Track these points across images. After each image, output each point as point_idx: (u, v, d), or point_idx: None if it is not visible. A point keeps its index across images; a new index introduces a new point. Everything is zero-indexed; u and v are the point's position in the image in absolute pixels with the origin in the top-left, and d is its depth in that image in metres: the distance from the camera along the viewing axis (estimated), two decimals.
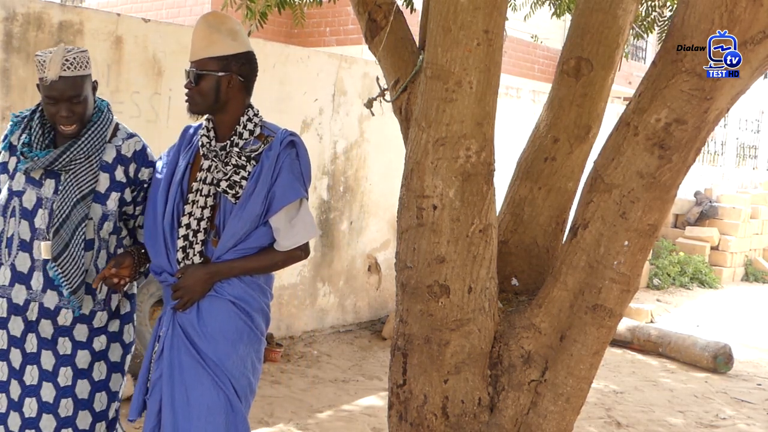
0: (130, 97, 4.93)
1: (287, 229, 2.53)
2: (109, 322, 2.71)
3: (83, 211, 2.58)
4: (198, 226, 2.53)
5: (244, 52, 2.54)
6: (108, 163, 2.66)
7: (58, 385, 2.62)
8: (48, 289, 2.59)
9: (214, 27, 2.49)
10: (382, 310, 7.12)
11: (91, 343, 2.66)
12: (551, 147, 2.82)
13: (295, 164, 2.55)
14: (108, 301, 2.70)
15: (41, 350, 2.61)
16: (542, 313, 2.50)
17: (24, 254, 2.60)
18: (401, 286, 2.59)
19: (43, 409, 2.61)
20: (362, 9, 3.12)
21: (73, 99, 2.54)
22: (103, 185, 2.65)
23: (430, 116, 2.44)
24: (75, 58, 2.54)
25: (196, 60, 2.51)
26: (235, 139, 2.53)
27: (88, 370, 2.66)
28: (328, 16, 11.56)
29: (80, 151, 2.59)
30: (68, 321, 2.61)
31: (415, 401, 2.58)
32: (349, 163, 6.59)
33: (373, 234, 6.91)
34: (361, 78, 6.55)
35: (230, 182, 2.49)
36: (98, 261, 2.66)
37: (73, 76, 2.53)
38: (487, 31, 2.36)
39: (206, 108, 2.53)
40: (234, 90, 2.52)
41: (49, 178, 2.60)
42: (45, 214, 2.58)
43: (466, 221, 2.45)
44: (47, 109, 2.56)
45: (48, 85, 2.50)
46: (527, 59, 13.16)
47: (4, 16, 4.30)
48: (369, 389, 5.35)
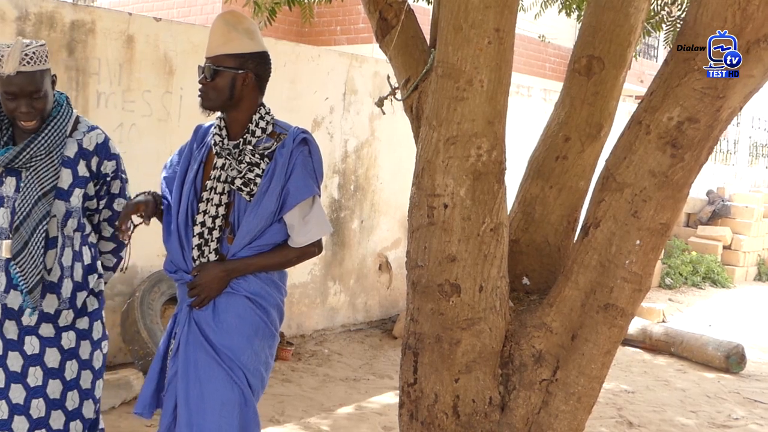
0: (142, 96, 4.95)
1: (301, 225, 2.55)
2: (77, 320, 2.67)
3: (45, 209, 2.53)
4: (213, 223, 2.53)
5: (260, 52, 2.56)
6: (70, 158, 2.62)
7: (27, 386, 2.58)
8: (11, 290, 2.55)
9: (231, 25, 2.51)
10: (392, 308, 7.12)
11: (59, 340, 2.62)
12: (563, 146, 2.81)
13: (308, 162, 2.57)
14: (73, 299, 2.66)
15: (7, 352, 2.56)
16: (553, 312, 2.49)
17: None
18: (412, 285, 2.59)
19: (14, 411, 2.56)
20: (373, 8, 3.12)
21: (33, 94, 2.49)
22: (65, 181, 2.60)
23: (441, 115, 2.43)
24: (34, 52, 2.48)
25: (212, 56, 2.52)
26: (247, 137, 2.55)
27: (59, 369, 2.62)
28: (339, 14, 11.56)
29: (41, 147, 2.54)
30: (33, 321, 2.57)
31: (426, 400, 2.58)
32: (360, 161, 6.59)
33: (383, 233, 6.91)
34: (372, 77, 6.55)
35: (245, 180, 2.50)
36: (63, 259, 2.62)
37: (33, 71, 2.47)
38: (498, 29, 2.35)
39: (219, 104, 2.54)
40: (248, 88, 2.54)
41: (9, 176, 2.55)
42: (7, 213, 2.54)
43: (477, 220, 2.45)
44: (5, 104, 2.50)
45: (6, 80, 2.44)
46: (538, 58, 13.13)
47: (17, 16, 4.32)
48: (380, 388, 5.35)
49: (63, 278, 2.62)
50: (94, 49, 4.68)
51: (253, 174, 2.51)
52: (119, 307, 4.93)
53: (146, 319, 4.71)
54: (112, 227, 2.83)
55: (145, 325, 4.68)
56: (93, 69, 4.69)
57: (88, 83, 4.68)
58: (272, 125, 2.59)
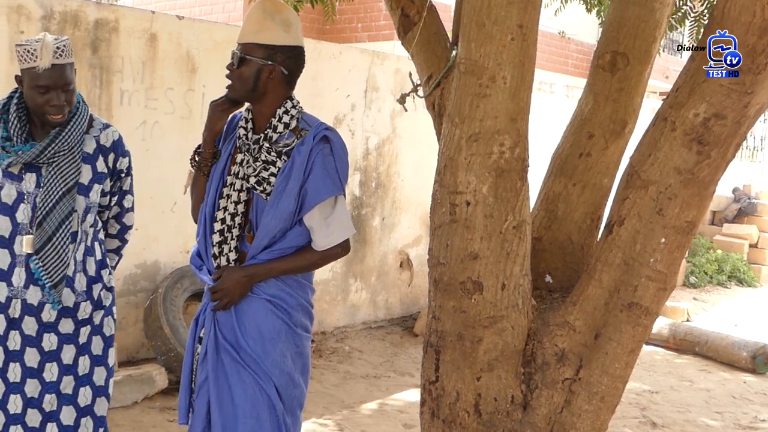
0: (164, 94, 4.97)
1: (322, 228, 2.48)
2: (94, 313, 2.68)
3: (69, 205, 2.53)
4: (232, 221, 2.50)
5: (294, 46, 2.47)
6: (89, 155, 2.63)
7: (43, 380, 2.58)
8: (30, 285, 2.55)
9: (268, 14, 2.43)
10: (413, 306, 7.11)
11: (77, 336, 2.63)
12: (586, 143, 2.79)
13: (328, 160, 2.48)
14: (90, 291, 2.66)
15: (25, 347, 2.57)
16: (577, 310, 2.47)
17: (3, 250, 2.55)
18: (434, 283, 2.58)
19: (28, 405, 2.58)
20: (395, 4, 3.11)
21: (64, 87, 2.50)
22: (86, 177, 2.61)
23: (463, 112, 2.42)
24: (64, 45, 2.50)
25: (242, 42, 2.45)
26: (269, 133, 2.48)
27: (73, 365, 2.63)
28: (360, 11, 11.57)
29: (65, 143, 2.54)
30: (52, 317, 2.58)
31: (448, 398, 2.57)
32: (381, 159, 6.58)
33: (405, 230, 6.90)
34: (393, 74, 6.54)
35: (258, 179, 2.45)
36: (77, 254, 2.63)
37: (64, 63, 2.49)
38: (521, 25, 2.33)
39: (243, 95, 2.47)
40: (274, 82, 2.46)
41: (29, 172, 2.54)
42: (27, 208, 2.53)
43: (499, 217, 2.43)
44: (35, 99, 2.50)
45: (40, 73, 2.45)
46: (560, 54, 13.05)
47: (42, 15, 4.36)
48: (400, 385, 5.35)
49: (76, 272, 2.63)
50: (117, 47, 4.71)
51: (267, 173, 2.44)
52: (142, 303, 4.96)
53: (169, 315, 4.74)
54: (119, 224, 2.85)
55: (168, 321, 4.70)
56: (116, 67, 4.72)
57: (111, 81, 4.71)
58: (297, 120, 2.51)
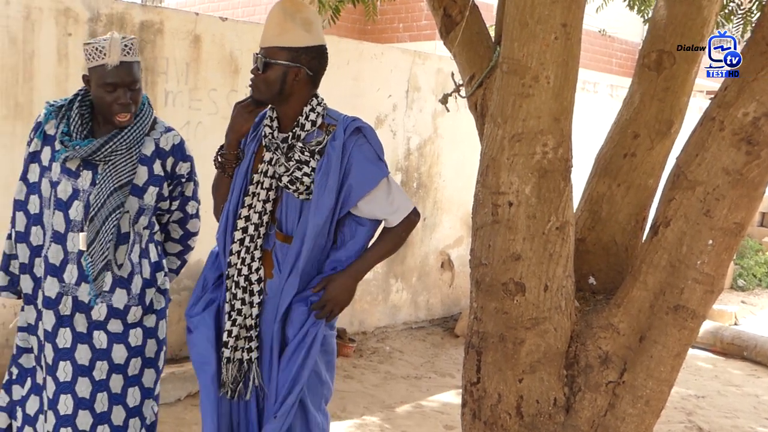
0: (208, 95, 5.02)
1: (388, 208, 2.54)
2: (144, 317, 2.67)
3: (119, 200, 2.52)
4: (260, 219, 2.50)
5: (317, 46, 2.46)
6: (147, 156, 2.62)
7: (93, 380, 2.58)
8: (82, 282, 2.55)
9: (289, 14, 2.42)
10: (454, 307, 7.09)
11: (127, 337, 2.62)
12: (631, 143, 2.75)
13: (365, 148, 2.50)
14: (142, 296, 2.66)
15: (76, 344, 2.57)
16: (621, 313, 2.44)
17: (57, 246, 2.56)
18: (476, 284, 2.57)
19: (79, 406, 2.57)
20: (437, 4, 3.10)
21: (131, 85, 2.50)
22: (141, 178, 2.60)
23: (506, 112, 2.40)
24: (132, 43, 2.51)
25: (265, 47, 2.44)
26: (296, 131, 2.48)
27: (123, 365, 2.63)
28: (402, 12, 11.57)
29: (123, 142, 2.54)
30: (102, 316, 2.58)
31: (489, 400, 2.55)
32: (423, 159, 6.57)
33: (446, 230, 6.88)
34: (435, 74, 6.53)
35: (291, 178, 2.45)
36: (132, 255, 2.63)
37: (132, 61, 2.50)
38: (565, 24, 2.31)
39: (269, 97, 2.47)
40: (300, 83, 2.46)
41: (86, 170, 2.55)
42: (80, 206, 2.54)
43: (542, 218, 2.41)
44: (103, 98, 2.50)
45: (109, 71, 2.46)
46: (605, 53, 12.91)
47: (89, 17, 4.43)
48: (441, 386, 5.33)
49: (133, 274, 2.63)
50: (162, 48, 4.77)
51: (301, 173, 2.44)
52: (185, 301, 5.01)
53: None
54: (182, 229, 2.84)
55: None
56: (161, 68, 4.79)
57: (156, 82, 4.77)
58: (323, 117, 2.52)
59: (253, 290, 2.52)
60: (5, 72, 4.17)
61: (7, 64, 4.17)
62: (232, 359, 2.54)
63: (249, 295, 2.53)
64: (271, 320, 2.54)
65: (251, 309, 2.53)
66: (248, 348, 2.54)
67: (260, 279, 2.52)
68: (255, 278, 2.52)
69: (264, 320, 2.55)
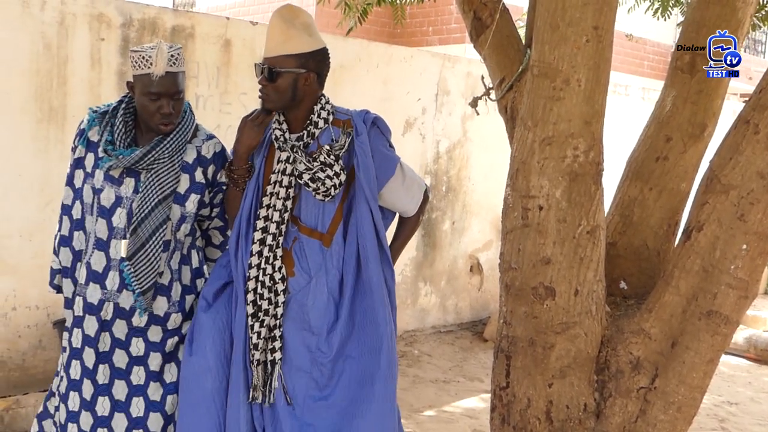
0: (238, 99, 5.05)
1: (404, 194, 2.61)
2: (183, 324, 2.67)
3: (164, 213, 2.53)
4: (281, 217, 2.51)
5: (321, 49, 2.50)
6: (188, 164, 2.62)
7: (130, 383, 2.59)
8: (124, 289, 2.55)
9: (288, 21, 2.46)
10: (483, 311, 7.06)
11: (164, 344, 2.62)
12: (663, 146, 2.73)
13: (382, 138, 2.57)
14: (182, 302, 2.66)
15: (114, 349, 2.58)
16: (652, 318, 2.41)
17: (99, 253, 2.56)
18: (505, 288, 2.56)
19: (115, 408, 2.58)
20: (467, 7, 3.10)
21: (175, 95, 2.51)
22: (183, 186, 2.60)
23: (536, 115, 2.39)
24: (178, 54, 2.52)
25: (271, 56, 2.47)
26: (311, 129, 2.51)
27: (160, 372, 2.62)
28: (431, 15, 11.57)
29: (165, 150, 2.54)
30: (143, 322, 2.58)
31: (519, 404, 2.54)
32: (452, 162, 6.56)
33: (475, 234, 6.86)
34: (465, 77, 6.51)
35: (313, 176, 2.46)
36: (171, 262, 2.63)
37: (177, 71, 2.51)
38: (596, 27, 2.29)
39: (281, 105, 2.50)
40: (310, 87, 2.49)
41: (128, 177, 2.56)
42: (123, 213, 2.54)
43: (573, 222, 2.39)
44: (146, 107, 2.51)
45: (153, 81, 2.47)
46: (636, 56, 12.80)
47: (122, 22, 4.49)
48: (470, 390, 5.31)
49: (173, 281, 2.63)
50: (193, 53, 4.81)
51: (324, 174, 2.46)
52: None
53: None
54: (223, 236, 2.84)
55: None
56: (192, 72, 4.83)
57: (187, 86, 4.80)
58: (333, 114, 2.56)
59: (278, 289, 2.54)
60: (40, 77, 4.23)
61: (42, 69, 4.23)
62: (259, 361, 2.55)
63: (274, 294, 2.54)
64: (297, 318, 2.55)
65: (276, 309, 2.54)
66: (272, 348, 2.55)
67: (283, 278, 2.54)
68: (278, 277, 2.53)
69: (288, 318, 2.56)
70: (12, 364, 4.30)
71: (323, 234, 2.54)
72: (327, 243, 2.53)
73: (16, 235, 4.19)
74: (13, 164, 4.17)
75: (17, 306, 4.26)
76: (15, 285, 4.15)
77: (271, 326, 2.54)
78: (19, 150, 4.17)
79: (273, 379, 2.54)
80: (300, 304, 2.54)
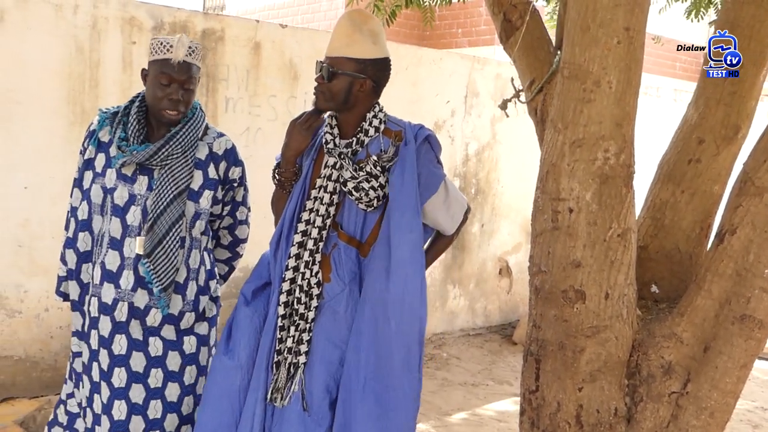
0: (267, 101, 5.08)
1: (444, 213, 2.59)
2: (196, 324, 2.68)
3: (180, 209, 2.55)
4: (323, 222, 2.50)
5: (382, 58, 2.49)
6: (201, 160, 2.64)
7: (148, 387, 2.59)
8: (138, 288, 2.56)
9: (357, 25, 2.44)
10: (512, 314, 7.03)
11: (181, 344, 2.63)
12: (696, 148, 2.70)
13: (431, 155, 2.53)
14: (196, 302, 2.67)
15: (131, 351, 2.58)
16: (684, 322, 2.39)
17: (114, 252, 2.57)
18: (535, 291, 2.54)
19: (132, 411, 2.58)
20: (497, 9, 3.09)
21: (185, 84, 2.54)
22: (197, 182, 2.62)
23: (566, 117, 2.38)
24: (197, 47, 2.57)
25: (332, 56, 2.46)
26: (360, 137, 2.50)
27: (179, 373, 2.63)
28: (460, 17, 11.55)
29: (178, 145, 2.57)
30: (156, 322, 2.59)
31: (548, 408, 2.52)
32: (481, 165, 6.54)
33: (504, 237, 6.83)
34: (494, 79, 6.49)
35: (357, 185, 2.45)
36: (190, 260, 2.64)
37: (192, 63, 2.54)
38: (628, 28, 2.27)
39: (333, 107, 2.49)
40: (365, 94, 2.48)
41: (141, 175, 2.58)
42: (138, 210, 2.56)
43: (603, 225, 2.37)
44: (155, 92, 2.54)
45: (169, 64, 2.51)
46: (668, 57, 12.67)
47: (153, 26, 4.53)
48: (499, 394, 5.29)
49: (188, 280, 2.65)
50: (223, 55, 4.85)
51: (369, 185, 2.45)
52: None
53: None
54: (232, 236, 2.86)
55: None
56: (222, 75, 4.87)
57: (217, 89, 4.85)
58: (385, 123, 2.54)
59: (313, 294, 2.53)
60: (72, 80, 4.29)
61: (74, 72, 4.29)
62: (284, 363, 2.55)
63: (309, 298, 2.54)
64: (325, 326, 2.54)
65: (308, 312, 2.54)
66: (297, 351, 2.55)
67: (319, 282, 2.53)
68: (315, 282, 2.53)
69: (317, 325, 2.56)
70: (44, 364, 4.37)
71: (361, 243, 2.53)
72: (364, 252, 2.52)
73: (48, 237, 4.25)
74: (46, 166, 4.23)
75: (49, 307, 4.33)
76: (47, 286, 4.21)
77: (301, 329, 2.54)
78: (51, 152, 4.23)
79: (294, 382, 2.54)
80: (333, 311, 2.53)
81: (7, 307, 4.24)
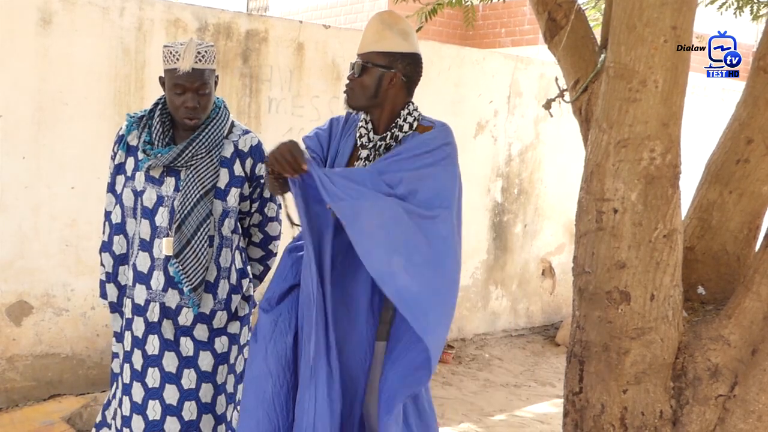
0: (310, 102, 5.12)
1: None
2: (229, 324, 2.70)
3: (207, 208, 2.56)
4: None
5: (412, 53, 2.49)
6: (227, 159, 2.66)
7: (182, 388, 2.60)
8: (169, 288, 2.59)
9: (386, 24, 2.47)
10: (555, 315, 6.98)
11: (212, 344, 2.65)
12: (744, 148, 2.65)
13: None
14: (228, 301, 2.68)
15: (164, 352, 2.60)
16: (732, 324, 2.35)
17: (144, 254, 2.61)
18: (579, 292, 2.53)
19: (167, 412, 2.60)
20: (542, 8, 3.07)
21: (199, 90, 2.55)
22: (223, 181, 2.64)
23: (612, 117, 2.36)
24: (206, 51, 2.56)
25: (363, 53, 2.49)
26: (394, 131, 2.50)
27: (212, 373, 2.64)
28: (504, 17, 11.49)
29: (202, 146, 2.59)
30: (189, 321, 2.61)
31: (592, 410, 2.51)
32: (524, 165, 6.51)
33: (547, 237, 6.78)
34: (537, 79, 6.45)
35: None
36: (220, 259, 2.65)
37: (203, 68, 2.55)
38: (675, 27, 2.25)
39: (364, 101, 2.50)
40: (395, 88, 2.48)
41: (168, 176, 2.60)
42: (165, 212, 2.59)
43: (649, 226, 2.35)
44: (173, 100, 2.57)
45: (179, 74, 2.52)
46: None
47: (197, 27, 4.59)
48: (542, 395, 5.26)
49: (219, 279, 2.67)
50: (266, 56, 4.90)
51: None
52: None
53: None
54: (262, 233, 2.86)
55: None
56: (265, 76, 4.91)
57: (260, 90, 4.90)
58: (419, 120, 2.54)
59: None
60: (118, 81, 4.37)
61: (120, 73, 4.37)
62: None
63: None
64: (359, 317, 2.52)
65: None
66: None
67: None
68: None
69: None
70: (90, 362, 4.46)
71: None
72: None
73: (95, 236, 4.33)
74: (93, 167, 4.31)
75: (96, 305, 4.41)
76: (93, 285, 4.29)
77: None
78: (98, 153, 4.31)
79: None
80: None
81: (55, 306, 4.33)
